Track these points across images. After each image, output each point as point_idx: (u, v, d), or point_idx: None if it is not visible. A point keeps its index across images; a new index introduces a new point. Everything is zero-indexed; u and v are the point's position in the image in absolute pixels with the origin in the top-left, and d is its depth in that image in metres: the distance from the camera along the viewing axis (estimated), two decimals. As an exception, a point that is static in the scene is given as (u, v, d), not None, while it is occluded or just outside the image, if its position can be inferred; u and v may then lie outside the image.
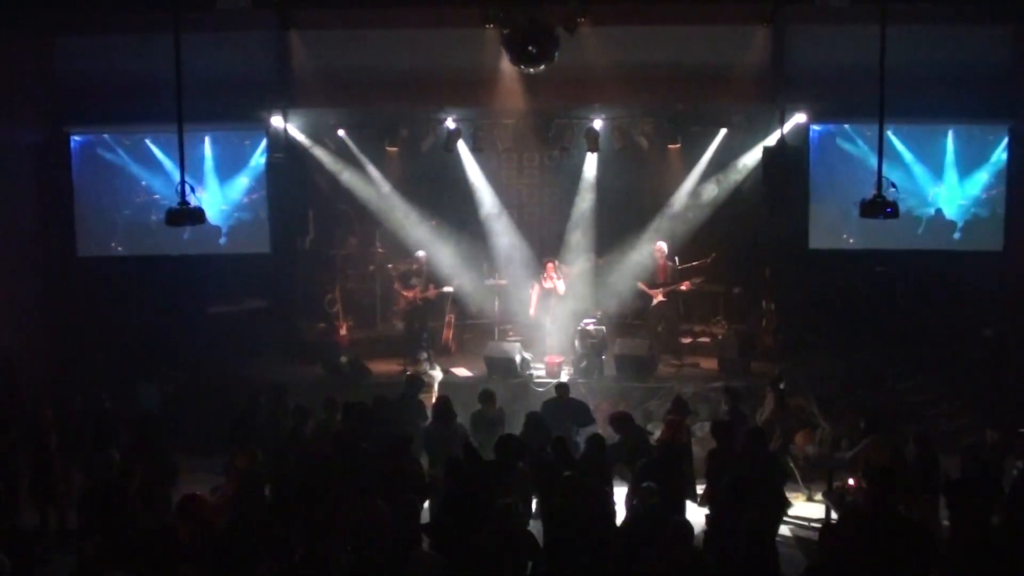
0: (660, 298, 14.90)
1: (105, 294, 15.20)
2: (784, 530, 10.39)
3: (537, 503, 9.41)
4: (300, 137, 15.38)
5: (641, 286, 15.13)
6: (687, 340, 15.42)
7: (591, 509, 8.21)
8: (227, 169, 15.36)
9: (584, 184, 16.08)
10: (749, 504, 7.84)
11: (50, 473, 10.71)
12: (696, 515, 9.20)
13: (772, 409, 12.08)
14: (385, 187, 15.89)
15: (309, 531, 7.66)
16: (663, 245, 15.07)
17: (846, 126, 14.97)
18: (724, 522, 8.08)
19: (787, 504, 11.51)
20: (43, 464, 10.69)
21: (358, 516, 7.85)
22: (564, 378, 13.53)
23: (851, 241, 15.17)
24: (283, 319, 15.85)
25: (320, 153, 15.67)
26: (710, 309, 16.20)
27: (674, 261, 15.06)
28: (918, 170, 14.97)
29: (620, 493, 9.57)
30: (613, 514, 8.82)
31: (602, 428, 10.91)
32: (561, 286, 14.76)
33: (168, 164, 14.71)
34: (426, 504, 9.27)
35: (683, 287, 14.88)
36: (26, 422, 11.14)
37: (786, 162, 14.59)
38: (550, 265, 14.89)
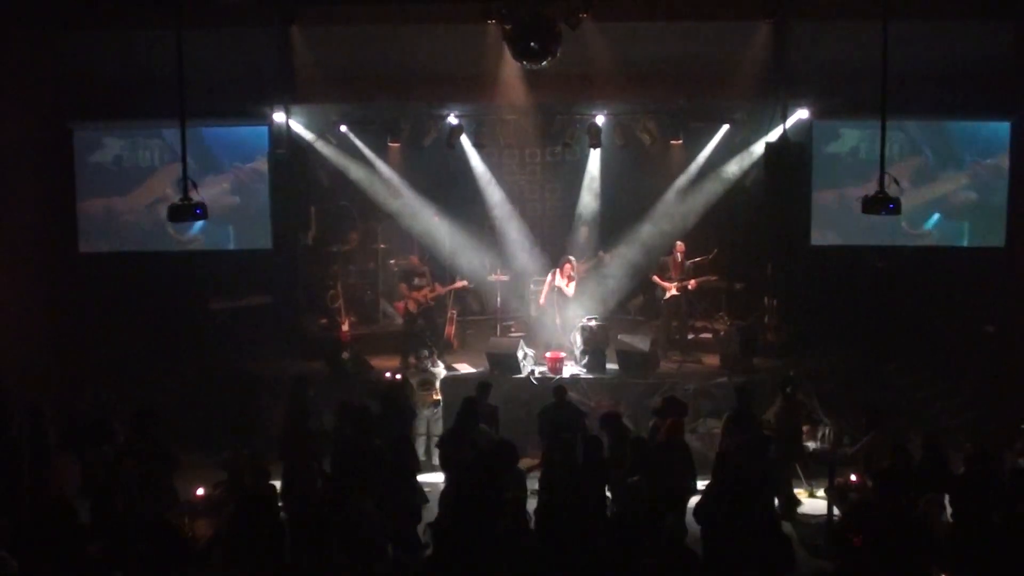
0: (673, 292, 14.95)
1: (106, 290, 15.19)
2: (787, 527, 10.35)
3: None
4: (303, 133, 15.35)
5: (655, 278, 15.16)
6: (690, 336, 15.44)
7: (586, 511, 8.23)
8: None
9: (586, 180, 16.08)
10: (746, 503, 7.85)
11: (49, 470, 10.71)
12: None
13: (776, 411, 11.96)
14: (393, 178, 15.86)
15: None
16: (682, 245, 15.14)
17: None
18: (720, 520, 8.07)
19: (796, 503, 11.55)
20: (42, 461, 10.70)
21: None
22: (566, 373, 13.63)
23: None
24: (285, 315, 15.82)
25: (324, 148, 15.63)
26: (712, 305, 16.20)
27: (690, 261, 15.10)
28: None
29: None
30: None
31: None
32: (572, 288, 14.79)
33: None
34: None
35: (690, 285, 14.93)
36: (26, 419, 11.13)
37: (788, 158, 14.56)
38: (568, 265, 14.87)
